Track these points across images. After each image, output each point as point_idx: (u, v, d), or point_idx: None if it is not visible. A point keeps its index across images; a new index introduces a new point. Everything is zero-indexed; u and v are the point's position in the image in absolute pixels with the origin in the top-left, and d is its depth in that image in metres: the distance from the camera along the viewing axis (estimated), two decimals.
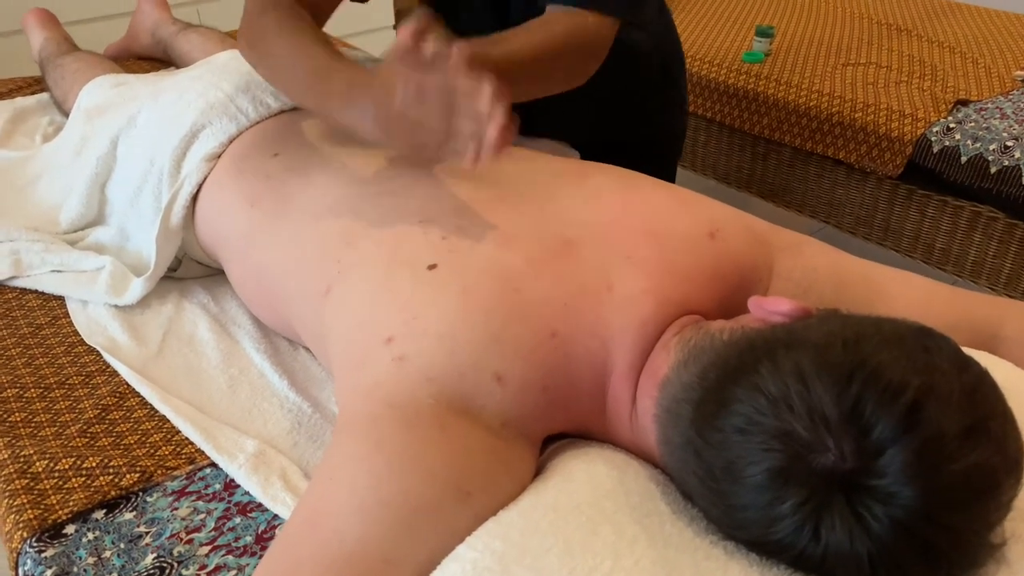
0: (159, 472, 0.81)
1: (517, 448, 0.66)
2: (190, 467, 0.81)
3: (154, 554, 0.72)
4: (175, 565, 0.71)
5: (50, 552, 0.73)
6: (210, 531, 0.75)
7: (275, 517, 0.76)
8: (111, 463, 0.81)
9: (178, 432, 0.85)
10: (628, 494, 0.63)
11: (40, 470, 0.80)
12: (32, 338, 0.99)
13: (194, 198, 1.04)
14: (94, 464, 0.81)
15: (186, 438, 0.84)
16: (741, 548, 0.58)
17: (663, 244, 0.75)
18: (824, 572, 0.54)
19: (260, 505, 0.77)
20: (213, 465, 0.82)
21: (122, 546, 0.73)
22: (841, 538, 0.52)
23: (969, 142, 1.59)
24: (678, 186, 0.86)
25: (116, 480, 0.79)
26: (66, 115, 1.37)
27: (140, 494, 0.78)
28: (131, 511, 0.77)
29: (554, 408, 0.69)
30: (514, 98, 1.02)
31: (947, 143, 1.61)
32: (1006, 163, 1.53)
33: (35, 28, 1.64)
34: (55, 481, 0.79)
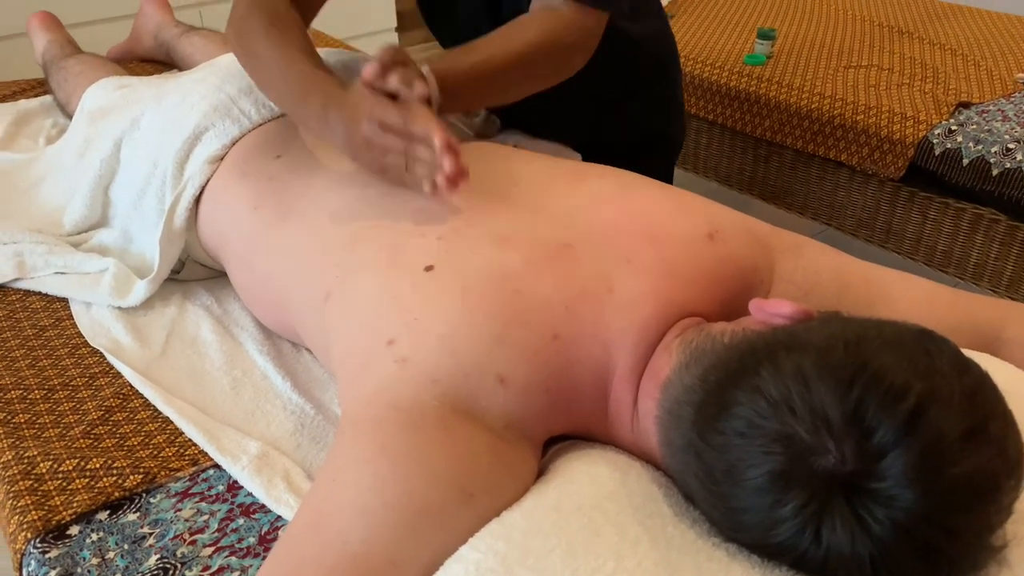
0: (163, 473, 0.81)
1: (520, 450, 0.67)
2: (193, 468, 0.82)
3: (157, 555, 0.73)
4: (178, 566, 0.72)
5: (54, 553, 0.73)
6: (213, 532, 0.75)
7: (278, 518, 0.76)
8: (115, 464, 0.81)
9: (181, 433, 0.86)
10: (630, 496, 0.63)
11: (44, 471, 0.80)
12: (36, 340, 1.00)
13: (197, 200, 1.04)
14: (98, 465, 0.81)
15: (189, 439, 0.85)
16: (743, 550, 0.59)
17: (663, 246, 0.75)
18: (825, 574, 0.54)
19: (263, 506, 0.78)
20: (216, 466, 0.82)
21: (126, 547, 0.73)
22: (842, 540, 0.52)
23: (971, 144, 1.59)
24: (678, 188, 0.86)
25: (120, 481, 0.79)
26: (69, 117, 1.38)
27: (144, 495, 0.79)
28: (135, 512, 0.77)
29: (556, 410, 0.69)
30: (497, 101, 1.08)
31: (949, 145, 1.61)
32: (1008, 165, 1.53)
33: (38, 31, 1.65)
34: (59, 482, 0.79)
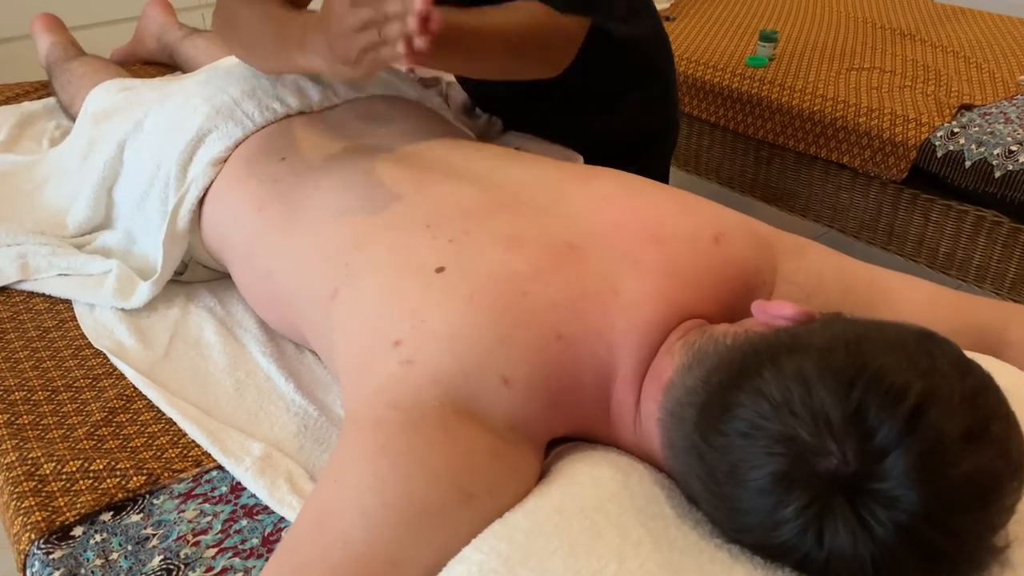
0: (166, 474, 0.81)
1: (522, 451, 0.67)
2: (197, 470, 0.82)
3: (161, 556, 0.73)
4: (182, 567, 0.72)
5: (58, 554, 0.73)
6: (216, 533, 0.75)
7: (281, 520, 0.76)
8: (118, 465, 0.81)
9: (185, 435, 0.86)
10: (633, 497, 0.63)
11: (48, 472, 0.80)
12: (39, 341, 1.00)
13: (200, 202, 1.05)
14: (101, 466, 0.81)
15: (193, 441, 0.85)
16: (745, 551, 0.59)
17: (668, 248, 0.76)
18: (827, 575, 0.54)
19: (266, 508, 0.78)
20: (220, 468, 0.82)
21: (129, 548, 0.74)
22: (844, 542, 0.52)
23: (973, 146, 1.59)
24: (682, 190, 0.86)
25: (123, 482, 0.80)
26: (73, 119, 1.38)
27: (147, 496, 0.79)
28: (138, 513, 0.77)
29: (559, 411, 0.69)
30: (479, 72, 1.09)
31: (951, 148, 1.61)
32: (1010, 167, 1.53)
33: (42, 33, 1.65)
34: (63, 483, 0.79)
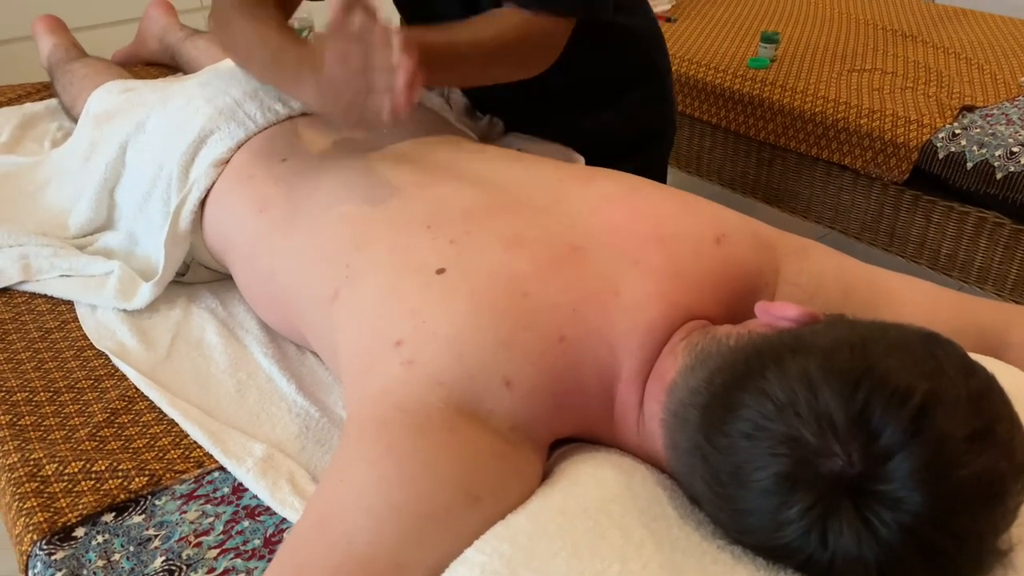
0: (168, 475, 0.81)
1: (525, 452, 0.67)
2: (198, 471, 0.82)
3: (163, 557, 0.73)
4: (184, 568, 0.72)
5: (60, 555, 0.73)
6: (218, 534, 0.75)
7: (283, 521, 0.76)
8: (120, 466, 0.81)
9: (187, 436, 0.86)
10: (635, 498, 0.63)
11: (50, 473, 0.80)
12: (41, 342, 1.00)
13: (202, 203, 1.05)
14: (103, 467, 0.81)
15: (194, 442, 0.85)
16: (748, 552, 0.58)
17: (670, 249, 0.76)
18: None
19: (268, 509, 0.78)
20: (221, 469, 0.82)
21: (131, 549, 0.74)
22: (848, 543, 0.52)
23: (975, 148, 1.59)
24: (684, 191, 0.86)
25: (125, 483, 0.80)
26: (75, 121, 1.38)
27: (149, 497, 0.79)
28: (140, 514, 0.77)
29: (562, 412, 0.69)
30: (453, 84, 1.12)
31: (953, 149, 1.61)
32: (1012, 169, 1.53)
33: (44, 34, 1.65)
34: (65, 484, 0.79)
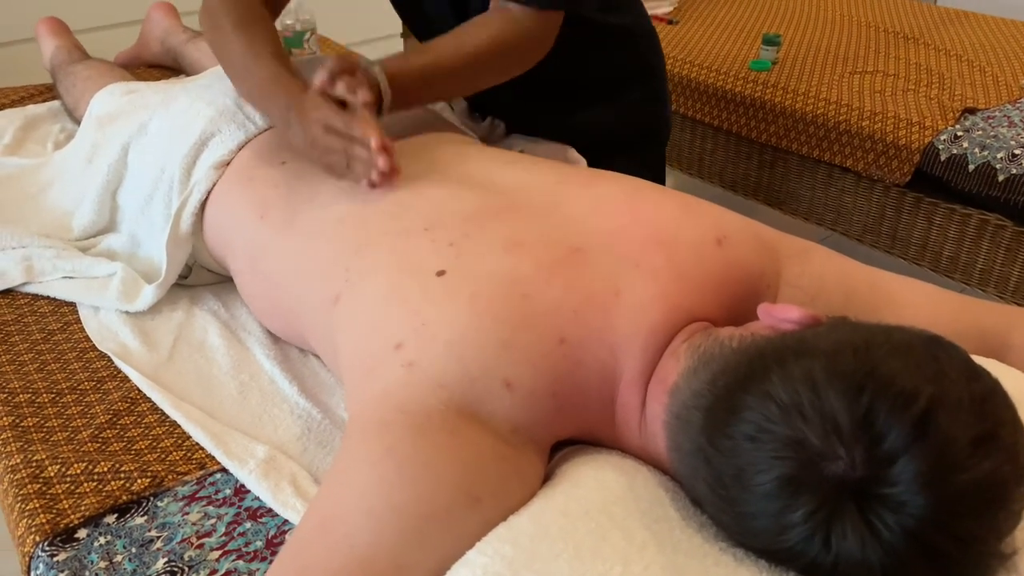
0: (170, 477, 0.81)
1: (527, 454, 0.67)
2: (201, 472, 0.82)
3: (165, 558, 0.73)
4: (186, 570, 0.72)
5: (62, 556, 0.73)
6: (220, 536, 0.75)
7: (285, 522, 0.76)
8: (122, 468, 0.81)
9: (189, 437, 0.86)
10: (638, 500, 0.63)
11: (52, 475, 0.80)
12: (44, 344, 1.00)
13: (203, 205, 1.05)
14: (105, 469, 0.81)
15: (197, 443, 0.85)
16: (751, 555, 0.58)
17: (671, 251, 0.75)
18: None
19: (270, 510, 0.78)
20: (224, 470, 0.82)
21: (133, 550, 0.74)
22: (852, 547, 0.52)
23: (977, 150, 1.58)
24: (685, 193, 0.86)
25: (127, 485, 0.80)
26: (77, 123, 1.38)
27: (151, 499, 0.79)
28: (142, 516, 0.77)
29: (563, 414, 0.69)
30: (448, 97, 1.14)
31: (955, 151, 1.61)
32: (1014, 171, 1.53)
33: (47, 36, 1.65)
34: (67, 486, 0.79)
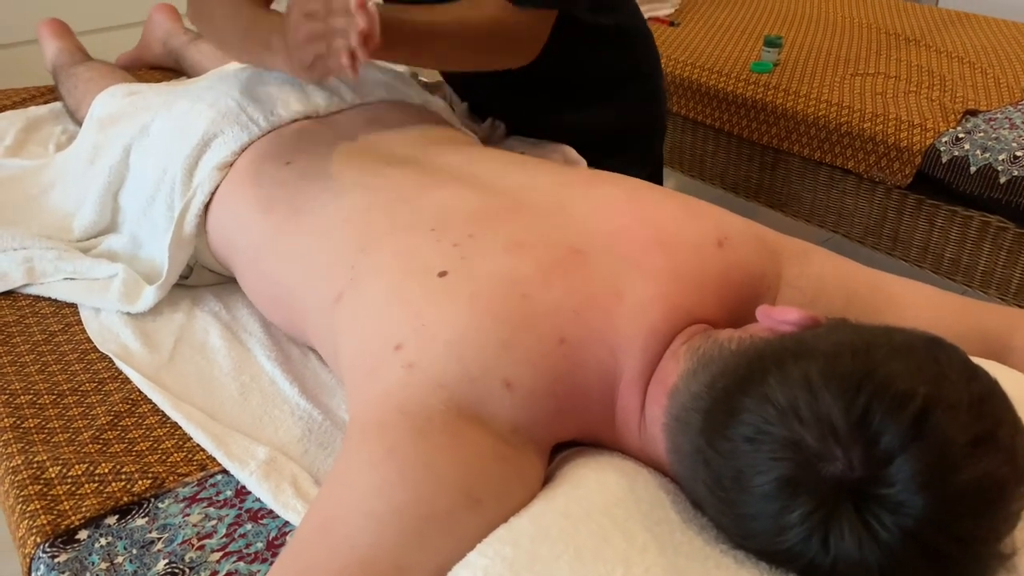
0: (171, 478, 0.81)
1: (527, 455, 0.67)
2: (201, 474, 0.82)
3: (166, 560, 0.73)
4: (187, 571, 0.72)
5: (63, 557, 0.73)
6: (221, 537, 0.75)
7: (286, 524, 0.76)
8: (123, 469, 0.82)
9: (190, 439, 0.86)
10: (638, 502, 0.63)
11: (53, 476, 0.80)
12: (45, 345, 1.00)
13: (206, 207, 1.05)
14: (106, 470, 0.81)
15: (198, 445, 0.85)
16: (751, 557, 0.58)
17: (672, 253, 0.76)
18: None
19: (271, 512, 0.78)
20: (224, 472, 0.82)
21: (134, 552, 0.74)
22: (850, 547, 0.52)
23: (978, 152, 1.58)
24: (686, 195, 0.86)
25: (128, 486, 0.80)
26: (79, 124, 1.39)
27: (152, 500, 0.79)
28: (143, 517, 0.77)
29: (563, 415, 0.69)
30: (429, 65, 1.14)
31: (956, 153, 1.61)
32: (1015, 173, 1.53)
33: (48, 38, 1.66)
34: (68, 487, 0.79)
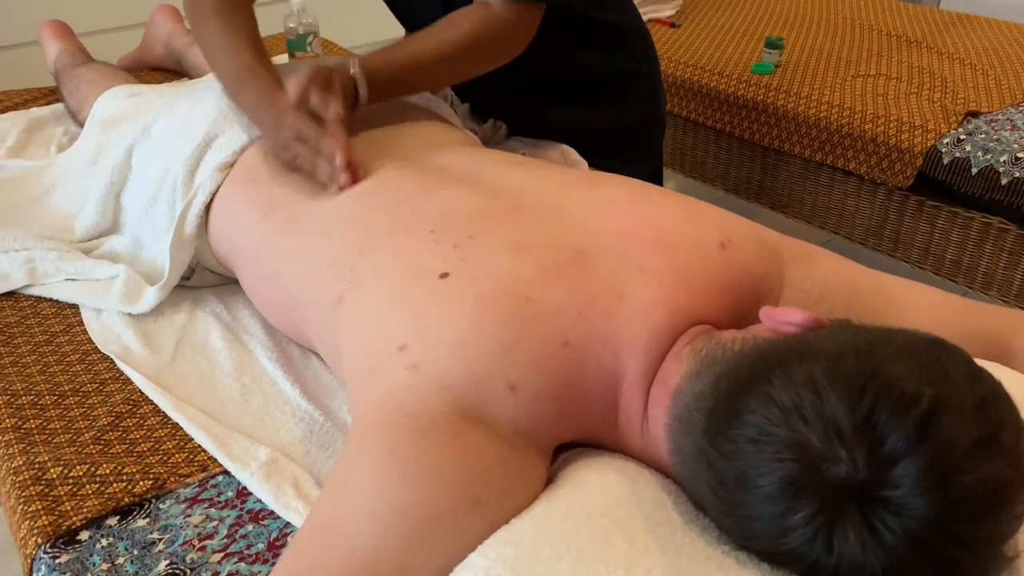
0: (172, 479, 0.81)
1: (529, 456, 0.67)
2: (203, 474, 0.82)
3: (167, 561, 0.73)
4: (188, 572, 0.72)
5: (64, 558, 0.73)
6: (222, 538, 0.75)
7: (287, 525, 0.76)
8: (124, 470, 0.81)
9: (191, 440, 0.86)
10: (640, 503, 0.63)
11: (54, 477, 0.80)
12: (47, 346, 1.00)
13: (207, 208, 1.05)
14: (108, 471, 0.81)
15: (199, 445, 0.85)
16: (753, 558, 0.58)
17: (674, 254, 0.75)
18: None
19: (272, 513, 0.78)
20: (226, 473, 0.82)
21: (135, 553, 0.74)
22: (854, 549, 0.52)
23: (979, 154, 1.58)
24: (688, 196, 0.86)
25: (129, 487, 0.80)
26: (81, 125, 1.39)
27: (153, 501, 0.79)
28: (144, 518, 0.77)
29: (566, 417, 0.69)
30: (427, 89, 1.18)
31: (957, 155, 1.60)
32: (1017, 174, 1.53)
33: (50, 39, 1.66)
34: (69, 488, 0.79)
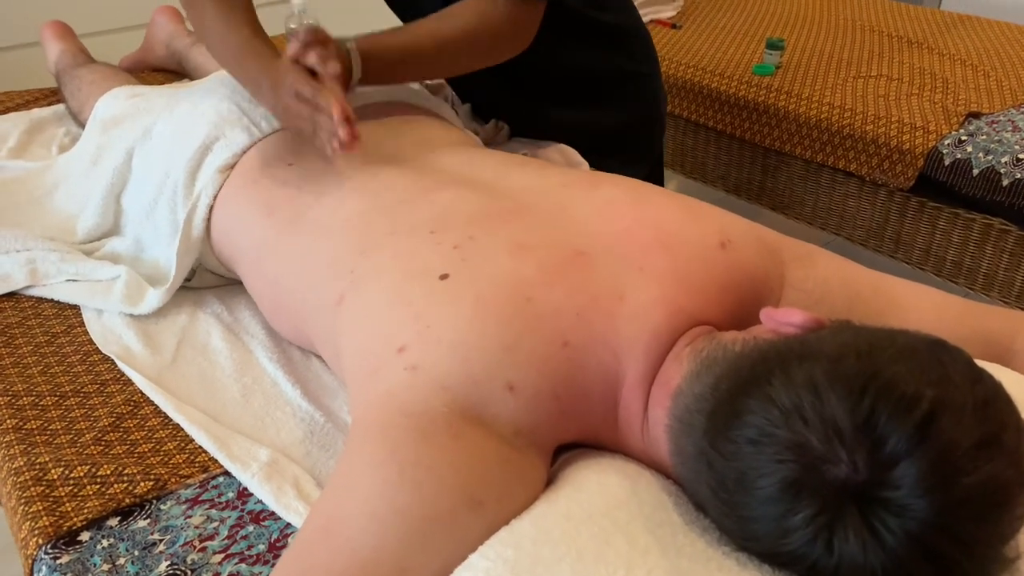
0: (173, 480, 0.81)
1: (529, 457, 0.67)
2: (204, 475, 0.82)
3: (168, 561, 0.73)
4: (188, 573, 0.72)
5: (65, 559, 0.73)
6: (223, 539, 0.75)
7: (288, 526, 0.76)
8: (125, 471, 0.81)
9: (192, 440, 0.86)
10: (641, 504, 0.63)
11: (55, 477, 0.80)
12: (48, 346, 1.00)
13: (209, 209, 1.05)
14: (108, 472, 0.81)
15: (200, 446, 0.85)
16: (754, 559, 0.58)
17: (675, 254, 0.75)
18: None
19: (273, 514, 0.78)
20: (226, 473, 0.82)
21: (136, 553, 0.74)
22: (854, 550, 0.52)
23: (981, 155, 1.58)
24: (689, 197, 0.86)
25: (130, 488, 0.80)
26: (82, 126, 1.39)
27: (154, 502, 0.79)
28: (145, 519, 0.77)
29: (566, 418, 0.69)
30: (422, 79, 1.18)
31: (959, 156, 1.60)
32: (1018, 176, 1.53)
33: (52, 40, 1.66)
34: (70, 488, 0.79)
